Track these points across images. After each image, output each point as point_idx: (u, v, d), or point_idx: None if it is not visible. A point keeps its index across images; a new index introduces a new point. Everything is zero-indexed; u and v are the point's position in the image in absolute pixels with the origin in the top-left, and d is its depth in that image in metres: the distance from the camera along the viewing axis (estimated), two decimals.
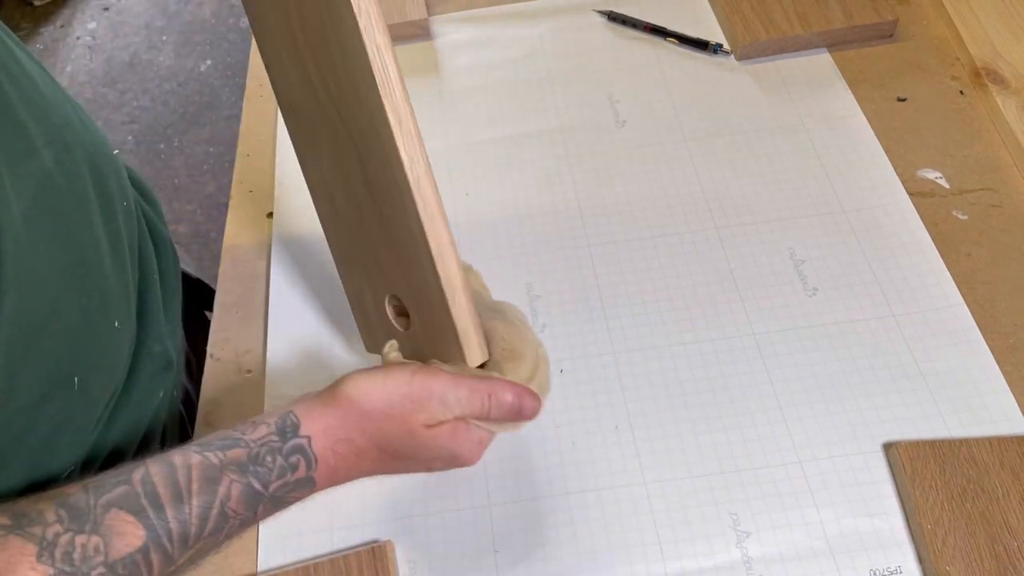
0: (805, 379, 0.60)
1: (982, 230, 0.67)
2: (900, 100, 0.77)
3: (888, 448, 0.56)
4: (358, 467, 0.45)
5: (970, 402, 0.58)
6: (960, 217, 0.68)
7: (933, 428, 0.57)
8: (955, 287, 0.64)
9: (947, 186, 0.70)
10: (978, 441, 0.54)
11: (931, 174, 0.71)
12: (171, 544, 0.40)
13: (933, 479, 0.53)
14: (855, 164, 0.72)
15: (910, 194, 0.70)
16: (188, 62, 2.17)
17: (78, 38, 2.26)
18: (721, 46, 0.82)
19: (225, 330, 0.67)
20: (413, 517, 0.56)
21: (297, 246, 0.71)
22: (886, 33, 0.81)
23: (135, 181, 0.63)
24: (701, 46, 0.82)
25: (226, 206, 0.75)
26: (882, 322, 0.62)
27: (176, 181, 1.92)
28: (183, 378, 0.69)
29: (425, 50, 0.85)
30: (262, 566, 0.55)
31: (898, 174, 0.71)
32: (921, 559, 0.52)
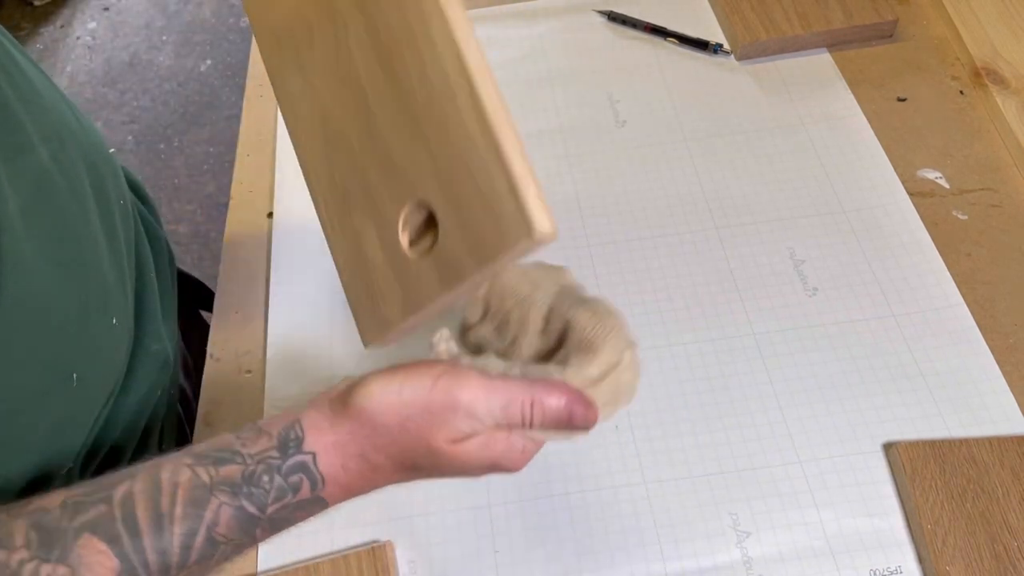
0: (805, 379, 0.60)
1: (982, 230, 0.67)
2: (900, 100, 0.77)
3: (888, 448, 0.56)
4: (375, 481, 0.41)
5: (970, 402, 0.58)
6: (960, 217, 0.68)
7: (933, 428, 0.57)
8: (955, 287, 0.64)
9: (947, 186, 0.70)
10: (978, 441, 0.54)
11: (931, 174, 0.71)
12: None
13: (933, 479, 0.53)
14: (855, 164, 0.72)
15: (910, 194, 0.69)
16: (188, 62, 2.17)
17: (78, 38, 2.26)
18: (721, 46, 0.82)
19: (225, 330, 0.67)
20: (413, 517, 0.56)
21: (297, 246, 0.71)
22: (886, 33, 0.81)
23: (131, 181, 0.63)
24: (701, 46, 0.82)
25: (226, 206, 0.75)
26: (882, 322, 0.62)
27: (176, 181, 1.93)
28: (179, 378, 0.69)
29: None
30: (262, 566, 0.55)
31: (898, 174, 0.71)
32: (921, 559, 0.52)
